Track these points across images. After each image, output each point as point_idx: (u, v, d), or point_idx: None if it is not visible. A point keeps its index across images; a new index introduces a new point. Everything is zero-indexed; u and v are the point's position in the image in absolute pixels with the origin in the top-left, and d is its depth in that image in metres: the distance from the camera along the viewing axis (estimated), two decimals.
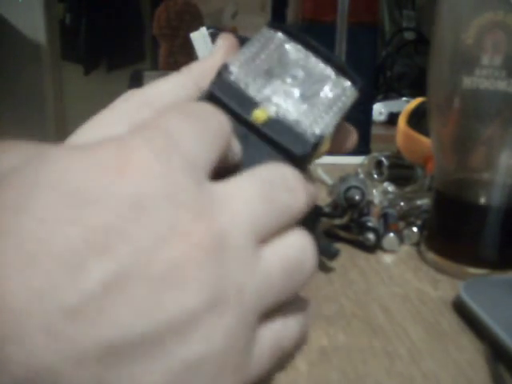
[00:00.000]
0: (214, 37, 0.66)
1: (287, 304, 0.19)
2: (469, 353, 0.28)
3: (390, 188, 0.50)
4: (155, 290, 0.15)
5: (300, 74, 0.21)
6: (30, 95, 2.38)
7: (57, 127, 2.49)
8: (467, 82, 0.33)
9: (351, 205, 0.40)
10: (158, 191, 0.15)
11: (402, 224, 0.43)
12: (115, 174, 0.15)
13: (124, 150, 0.16)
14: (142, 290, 0.14)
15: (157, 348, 0.15)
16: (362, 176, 0.58)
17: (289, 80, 0.21)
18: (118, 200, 0.15)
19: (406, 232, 0.41)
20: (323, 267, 0.37)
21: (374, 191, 0.49)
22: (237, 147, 0.19)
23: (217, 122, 0.18)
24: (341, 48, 0.64)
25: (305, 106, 0.21)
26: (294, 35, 0.22)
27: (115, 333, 0.14)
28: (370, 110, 0.71)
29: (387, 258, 0.39)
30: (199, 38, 0.66)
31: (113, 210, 0.15)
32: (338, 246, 0.37)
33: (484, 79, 0.33)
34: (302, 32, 0.22)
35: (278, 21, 0.23)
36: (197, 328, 0.15)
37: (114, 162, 0.15)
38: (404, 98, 0.97)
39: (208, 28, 0.67)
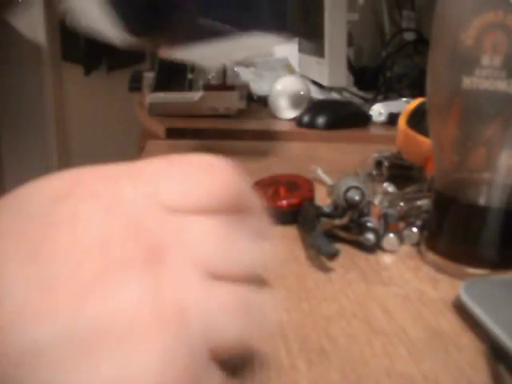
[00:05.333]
0: None
1: None
2: (469, 353, 0.28)
3: (390, 188, 0.50)
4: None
5: None
6: (30, 95, 2.37)
7: (57, 127, 2.49)
8: (467, 82, 0.33)
9: (351, 205, 0.40)
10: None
11: (402, 224, 0.43)
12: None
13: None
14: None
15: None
16: (362, 176, 0.58)
17: None
18: None
19: (405, 232, 0.41)
20: (323, 267, 0.37)
21: (374, 191, 0.49)
22: None
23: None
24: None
25: None
26: None
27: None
28: None
29: (387, 258, 0.39)
30: None
31: None
32: (338, 246, 0.37)
33: (484, 79, 0.33)
34: None
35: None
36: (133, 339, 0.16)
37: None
38: (404, 99, 0.97)
39: None
